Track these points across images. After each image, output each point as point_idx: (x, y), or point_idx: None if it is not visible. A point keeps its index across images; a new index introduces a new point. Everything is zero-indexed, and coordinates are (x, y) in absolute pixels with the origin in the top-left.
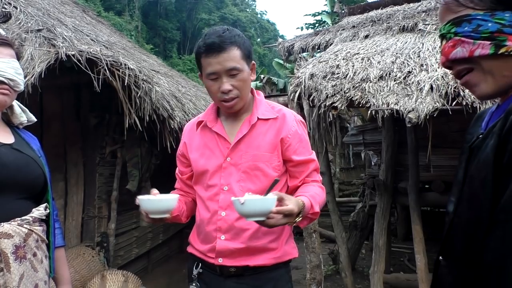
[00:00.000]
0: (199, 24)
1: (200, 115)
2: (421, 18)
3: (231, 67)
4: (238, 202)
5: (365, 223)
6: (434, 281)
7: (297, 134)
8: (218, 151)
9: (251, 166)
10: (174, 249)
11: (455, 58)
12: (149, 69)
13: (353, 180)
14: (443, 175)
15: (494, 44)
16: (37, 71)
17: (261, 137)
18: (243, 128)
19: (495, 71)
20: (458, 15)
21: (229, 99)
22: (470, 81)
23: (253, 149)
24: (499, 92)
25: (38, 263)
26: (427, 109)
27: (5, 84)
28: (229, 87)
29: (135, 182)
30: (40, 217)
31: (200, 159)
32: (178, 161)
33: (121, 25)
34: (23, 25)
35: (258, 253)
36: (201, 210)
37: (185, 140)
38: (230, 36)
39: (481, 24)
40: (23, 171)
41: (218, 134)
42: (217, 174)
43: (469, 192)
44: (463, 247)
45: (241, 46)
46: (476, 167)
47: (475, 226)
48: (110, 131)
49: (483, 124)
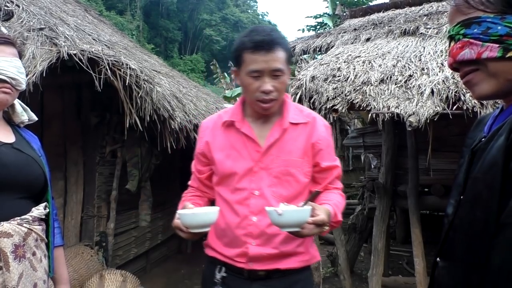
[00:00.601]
0: (200, 25)
1: (221, 113)
2: (422, 21)
3: (276, 68)
4: (275, 213)
5: (364, 225)
6: (431, 282)
7: (326, 139)
8: (246, 154)
9: (283, 172)
10: (172, 250)
11: (463, 60)
12: (151, 69)
13: (353, 183)
14: (442, 179)
15: (503, 47)
16: (39, 70)
17: (292, 142)
18: (274, 132)
19: (500, 74)
20: (468, 17)
21: (268, 100)
22: (472, 80)
23: (285, 154)
24: (498, 95)
25: (37, 262)
26: (428, 113)
27: (7, 82)
28: (271, 88)
29: (134, 182)
30: (39, 216)
31: (226, 160)
32: (197, 160)
33: (122, 25)
34: (25, 24)
35: (288, 257)
36: (227, 214)
37: (207, 139)
38: (278, 37)
39: (490, 27)
40: (23, 170)
41: (246, 136)
42: (246, 177)
43: (471, 194)
44: (464, 249)
45: (286, 49)
46: (480, 169)
47: (479, 228)
48: (110, 130)
49: (485, 128)
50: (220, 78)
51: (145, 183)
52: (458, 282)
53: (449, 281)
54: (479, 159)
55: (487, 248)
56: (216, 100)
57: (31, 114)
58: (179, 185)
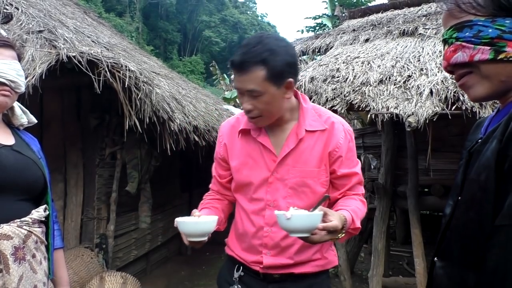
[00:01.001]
0: (199, 26)
1: (240, 116)
2: (421, 22)
3: (249, 89)
4: (284, 217)
5: (364, 226)
6: (429, 282)
7: (344, 146)
8: (262, 163)
9: (298, 182)
10: (173, 251)
11: (456, 63)
12: (150, 71)
13: None
14: (442, 179)
15: (494, 50)
16: (38, 72)
17: (308, 151)
18: (290, 141)
19: (492, 76)
20: (460, 21)
21: (251, 117)
22: (466, 83)
23: (301, 165)
24: (493, 96)
25: (37, 264)
26: (427, 113)
27: (6, 85)
28: (249, 107)
29: (134, 184)
30: (39, 218)
31: (243, 169)
32: (217, 164)
33: (121, 27)
34: (24, 26)
35: (303, 264)
36: (245, 222)
37: (225, 142)
38: (256, 54)
39: (482, 30)
40: (23, 173)
41: (263, 145)
42: (262, 188)
43: (468, 195)
44: (460, 249)
45: (268, 65)
46: (476, 171)
47: (474, 229)
48: (110, 132)
49: (482, 129)
50: (219, 79)
51: (145, 185)
52: (455, 282)
53: (446, 280)
54: (475, 161)
55: (482, 249)
56: (216, 101)
57: (30, 116)
58: (179, 187)
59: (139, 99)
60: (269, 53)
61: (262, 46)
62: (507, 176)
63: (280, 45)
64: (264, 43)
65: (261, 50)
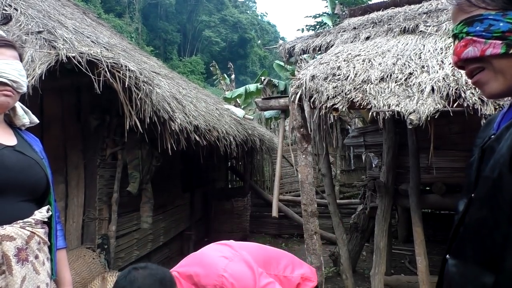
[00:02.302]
0: (199, 26)
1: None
2: (422, 19)
3: None
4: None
5: (366, 225)
6: (440, 279)
7: None
8: None
9: None
10: (175, 251)
11: (467, 58)
12: (150, 71)
13: (354, 182)
14: (444, 177)
15: (506, 44)
16: (38, 73)
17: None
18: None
19: (506, 71)
20: (470, 15)
21: None
22: (480, 80)
23: None
24: (509, 92)
25: (40, 265)
26: (428, 110)
27: (8, 85)
28: None
29: (135, 184)
30: (42, 219)
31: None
32: None
33: (121, 27)
34: (23, 27)
35: None
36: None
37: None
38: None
39: (492, 24)
40: (25, 173)
41: None
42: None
43: (482, 193)
44: (474, 248)
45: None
46: (490, 168)
47: (489, 227)
48: (110, 133)
49: (495, 125)
50: (220, 79)
51: (146, 185)
52: (468, 280)
53: (459, 278)
54: (489, 157)
55: (498, 248)
56: (216, 101)
57: (32, 116)
58: (180, 187)
59: (140, 99)
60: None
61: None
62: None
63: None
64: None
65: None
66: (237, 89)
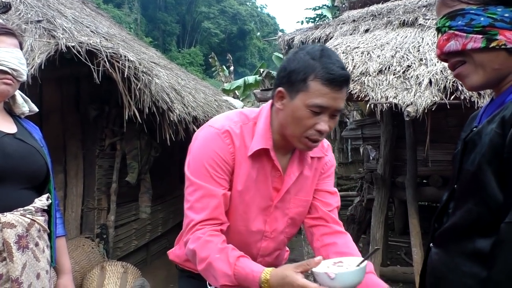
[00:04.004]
0: (198, 17)
1: (245, 122)
2: (421, 12)
3: (341, 108)
4: (327, 277)
5: (363, 217)
6: (424, 268)
7: (332, 169)
8: (265, 190)
9: (299, 213)
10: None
11: (449, 51)
12: (149, 61)
13: (351, 175)
14: (440, 170)
15: (486, 38)
16: (37, 63)
17: (307, 179)
18: (294, 167)
19: (486, 64)
20: (453, 9)
21: (318, 141)
22: (461, 73)
23: (302, 194)
24: (488, 84)
25: (40, 252)
26: (426, 103)
27: (8, 74)
28: (327, 129)
29: (134, 174)
30: (42, 207)
31: (245, 194)
32: (219, 175)
33: (120, 18)
34: (22, 16)
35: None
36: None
37: (234, 152)
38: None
39: (474, 18)
40: (26, 161)
41: (273, 169)
42: (260, 217)
43: (462, 185)
44: (455, 238)
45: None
46: (470, 161)
47: (469, 219)
48: (109, 123)
49: (477, 118)
50: (218, 71)
51: (145, 175)
52: (450, 269)
53: (441, 267)
54: (470, 151)
55: (479, 239)
56: (215, 92)
57: (32, 105)
58: (179, 178)
59: (139, 89)
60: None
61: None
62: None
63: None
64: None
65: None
66: (236, 81)
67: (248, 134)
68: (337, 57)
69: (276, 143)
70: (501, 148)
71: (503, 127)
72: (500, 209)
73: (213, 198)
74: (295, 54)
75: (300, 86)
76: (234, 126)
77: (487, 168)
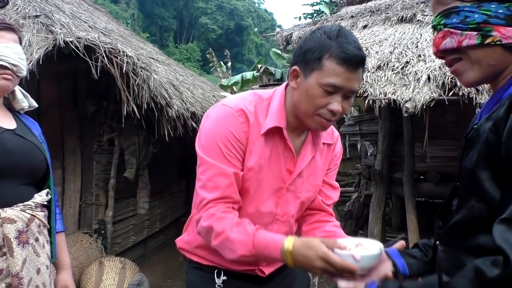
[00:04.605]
0: (196, 13)
1: (258, 103)
2: (419, 9)
3: (355, 89)
4: (352, 259)
5: (360, 212)
6: (433, 264)
7: (339, 160)
8: (278, 171)
9: (310, 198)
10: (170, 237)
11: (445, 49)
12: (147, 57)
13: (349, 171)
14: (438, 166)
15: (481, 35)
16: (35, 58)
17: (318, 164)
18: (307, 150)
19: (482, 61)
20: (448, 7)
21: (330, 120)
22: (458, 70)
23: (314, 178)
24: (484, 80)
25: (40, 248)
26: (424, 99)
27: (8, 69)
28: (340, 109)
29: (132, 170)
30: (42, 202)
31: (258, 172)
32: (232, 154)
33: (117, 13)
34: (20, 11)
35: None
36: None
37: (248, 131)
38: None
39: (468, 16)
40: (26, 156)
41: (286, 150)
42: (272, 198)
43: (462, 182)
44: (459, 235)
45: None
46: (469, 159)
47: (470, 216)
48: (107, 119)
49: (477, 115)
50: (216, 67)
51: (143, 171)
52: (455, 266)
53: (446, 264)
54: (469, 148)
55: (481, 235)
56: (213, 88)
57: (31, 100)
58: (177, 174)
59: (137, 85)
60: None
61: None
62: (505, 165)
63: None
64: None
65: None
66: (234, 77)
67: (262, 113)
68: (354, 38)
69: (289, 124)
70: (496, 145)
71: (496, 125)
72: (497, 206)
73: (226, 177)
74: (312, 34)
75: (315, 64)
76: (248, 105)
77: (484, 165)
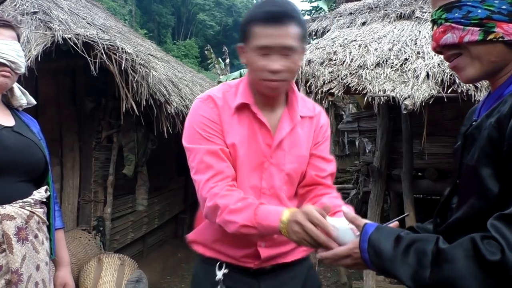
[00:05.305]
0: (193, 9)
1: (227, 90)
2: (418, 5)
3: (288, 45)
4: (351, 233)
5: (359, 209)
6: None
7: (327, 133)
8: (256, 145)
9: (296, 169)
10: (169, 234)
11: (446, 44)
12: (146, 54)
13: (347, 168)
14: (436, 163)
15: (483, 31)
16: (33, 54)
17: (301, 137)
18: (284, 123)
19: (483, 57)
20: (449, 1)
21: (275, 80)
22: (458, 65)
23: (297, 150)
24: (484, 77)
25: (39, 244)
26: (423, 96)
27: (7, 66)
28: (280, 67)
29: (131, 167)
30: (41, 199)
31: (240, 148)
32: (211, 135)
33: (114, 9)
34: (18, 7)
35: (294, 250)
36: None
37: (219, 113)
38: (293, 9)
39: (471, 11)
40: (24, 153)
41: (260, 124)
42: (256, 173)
43: (464, 180)
44: (461, 233)
45: (301, 24)
46: (471, 156)
47: (471, 213)
48: (106, 115)
49: (476, 111)
50: (214, 63)
51: (142, 168)
52: None
53: None
54: (470, 145)
55: (480, 232)
56: (212, 85)
57: (30, 97)
58: (175, 171)
59: (136, 81)
60: (299, 14)
61: (291, 6)
62: (506, 160)
63: (300, 11)
64: (291, 3)
65: (294, 8)
66: (232, 73)
67: (231, 97)
68: (278, 1)
69: (258, 100)
70: (498, 142)
71: (500, 121)
72: (499, 202)
73: (213, 155)
74: (247, 11)
75: (248, 35)
76: (216, 93)
77: (486, 162)
